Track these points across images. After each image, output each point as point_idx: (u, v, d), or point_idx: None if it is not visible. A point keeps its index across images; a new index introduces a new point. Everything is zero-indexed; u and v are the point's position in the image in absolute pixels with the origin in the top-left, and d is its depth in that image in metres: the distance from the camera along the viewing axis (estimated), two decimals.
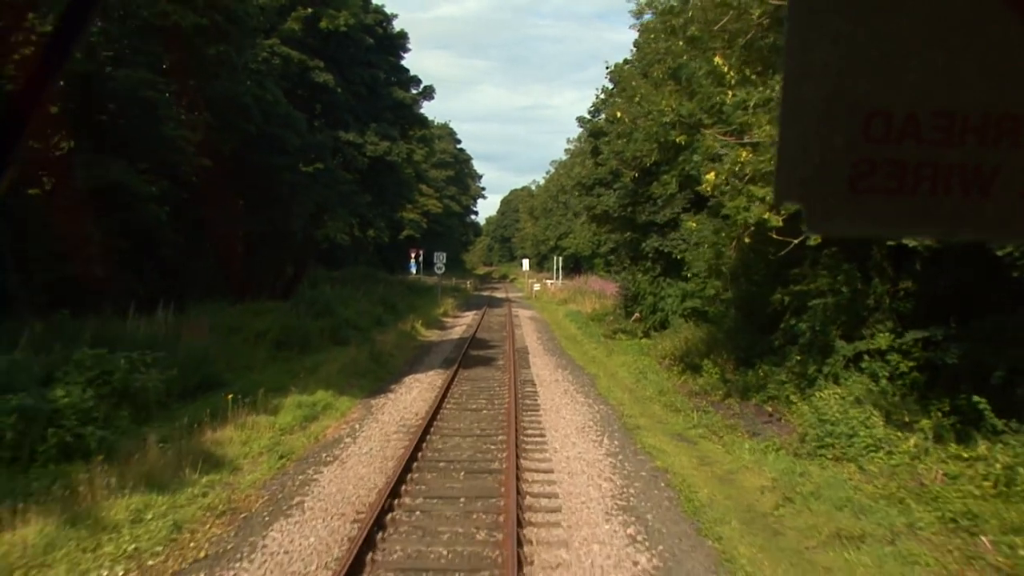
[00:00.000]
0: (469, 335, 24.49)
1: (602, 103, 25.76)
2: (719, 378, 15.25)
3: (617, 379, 16.89)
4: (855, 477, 8.93)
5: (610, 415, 12.82)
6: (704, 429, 11.85)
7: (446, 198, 72.38)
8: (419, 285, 44.32)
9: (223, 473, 8.61)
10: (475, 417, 12.03)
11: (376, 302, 27.21)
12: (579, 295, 41.06)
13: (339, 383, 14.78)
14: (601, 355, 20.90)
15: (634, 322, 25.39)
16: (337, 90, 29.44)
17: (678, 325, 20.35)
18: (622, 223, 21.50)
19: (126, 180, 17.24)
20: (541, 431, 11.17)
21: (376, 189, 33.13)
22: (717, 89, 11.61)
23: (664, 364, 18.27)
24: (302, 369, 15.97)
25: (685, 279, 20.76)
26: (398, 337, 22.61)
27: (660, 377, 16.65)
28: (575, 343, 23.93)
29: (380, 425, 11.57)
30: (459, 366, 17.23)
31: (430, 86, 36.03)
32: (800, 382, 12.34)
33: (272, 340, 16.88)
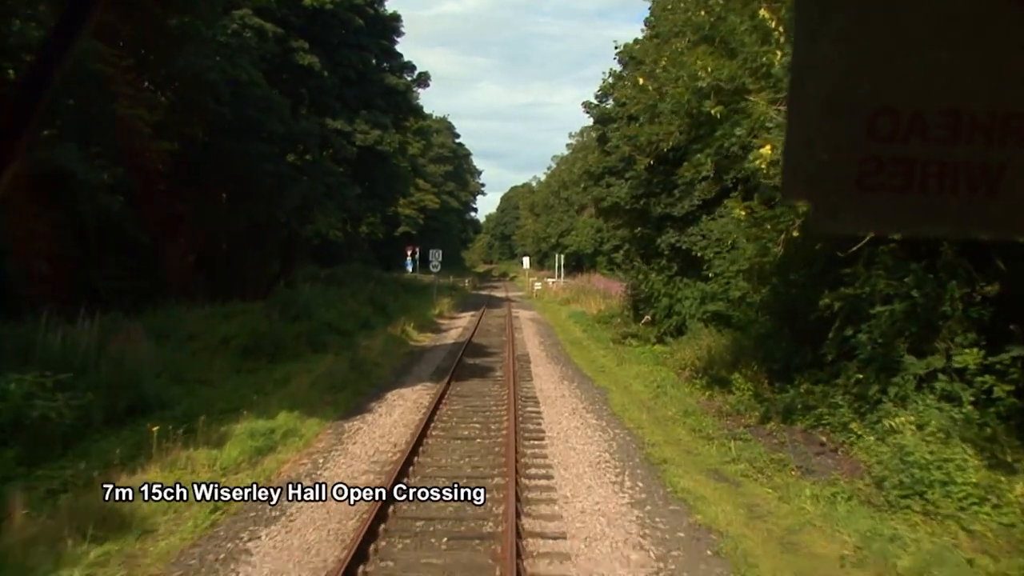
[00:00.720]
0: (465, 339, 22.34)
1: (610, 87, 23.60)
2: (752, 395, 13.10)
3: (632, 394, 14.74)
4: (963, 543, 6.79)
5: (629, 444, 10.68)
6: (746, 464, 9.69)
7: (444, 194, 70.21)
8: (415, 284, 42.15)
9: (126, 539, 6.45)
10: (466, 449, 9.88)
11: (364, 302, 25.04)
12: (582, 295, 38.90)
13: (309, 400, 12.64)
14: (611, 364, 18.75)
15: (644, 325, 23.25)
16: (324, 74, 27.29)
17: (697, 330, 18.19)
18: (634, 217, 19.33)
19: (73, 165, 15.10)
20: (547, 469, 9.03)
21: (367, 181, 30.97)
22: (763, 48, 9.46)
23: (684, 376, 16.12)
24: (269, 382, 13.86)
25: (705, 279, 18.63)
26: (386, 342, 20.46)
27: (682, 392, 14.49)
28: (581, 349, 21.78)
29: (349, 460, 9.42)
30: (451, 378, 15.08)
31: (425, 73, 33.86)
32: (859, 405, 10.19)
33: (238, 348, 14.74)
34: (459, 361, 17.67)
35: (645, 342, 21.10)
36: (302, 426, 11.04)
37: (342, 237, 49.73)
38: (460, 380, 15.31)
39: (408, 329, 23.58)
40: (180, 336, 14.87)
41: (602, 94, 23.99)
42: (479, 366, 17.43)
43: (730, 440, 10.71)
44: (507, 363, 17.40)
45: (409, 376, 16.12)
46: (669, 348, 18.86)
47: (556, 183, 70.43)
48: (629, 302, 28.03)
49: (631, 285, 29.26)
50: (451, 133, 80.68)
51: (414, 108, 35.07)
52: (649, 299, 20.66)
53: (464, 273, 72.70)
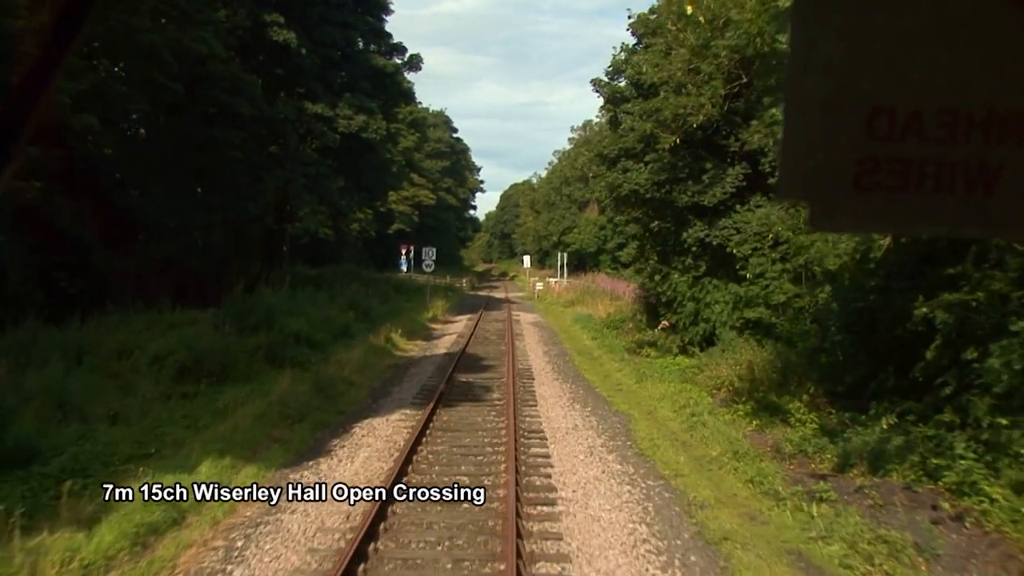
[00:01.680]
0: (458, 350, 19.52)
1: (623, 63, 20.76)
2: (818, 429, 10.31)
3: (660, 423, 11.95)
4: None
5: (670, 504, 7.89)
6: (841, 544, 6.88)
7: (441, 190, 67.42)
8: (408, 284, 39.35)
9: None
10: (448, 524, 7.07)
11: (347, 306, 22.21)
12: (587, 296, 36.13)
13: (252, 438, 9.87)
14: (628, 380, 15.94)
15: (661, 331, 20.45)
16: (301, 51, 24.46)
17: (730, 341, 15.39)
18: (655, 207, 16.48)
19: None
20: (563, 565, 6.21)
21: (352, 172, 28.15)
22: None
23: (720, 398, 13.31)
24: (207, 412, 11.08)
25: (739, 280, 15.84)
26: (366, 354, 17.64)
27: (722, 421, 11.68)
28: (591, 361, 18.96)
29: (279, 545, 6.60)
30: (437, 404, 12.29)
31: (417, 55, 31.00)
32: (994, 457, 7.39)
33: (173, 367, 11.91)
34: (449, 378, 14.87)
35: (665, 352, 18.29)
36: (233, 478, 8.26)
37: (333, 235, 47.00)
38: (448, 406, 12.50)
39: (394, 337, 20.75)
40: (104, 354, 12.06)
41: (613, 71, 21.15)
42: (473, 385, 14.63)
43: (809, 501, 7.89)
44: (506, 381, 14.61)
45: (387, 399, 13.30)
46: (697, 361, 16.03)
47: (558, 179, 67.65)
48: (642, 305, 25.28)
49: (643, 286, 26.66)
50: (448, 127, 77.87)
51: (405, 93, 32.24)
52: (671, 303, 17.82)
53: (462, 272, 69.81)
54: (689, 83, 13.91)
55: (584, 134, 68.44)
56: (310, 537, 6.73)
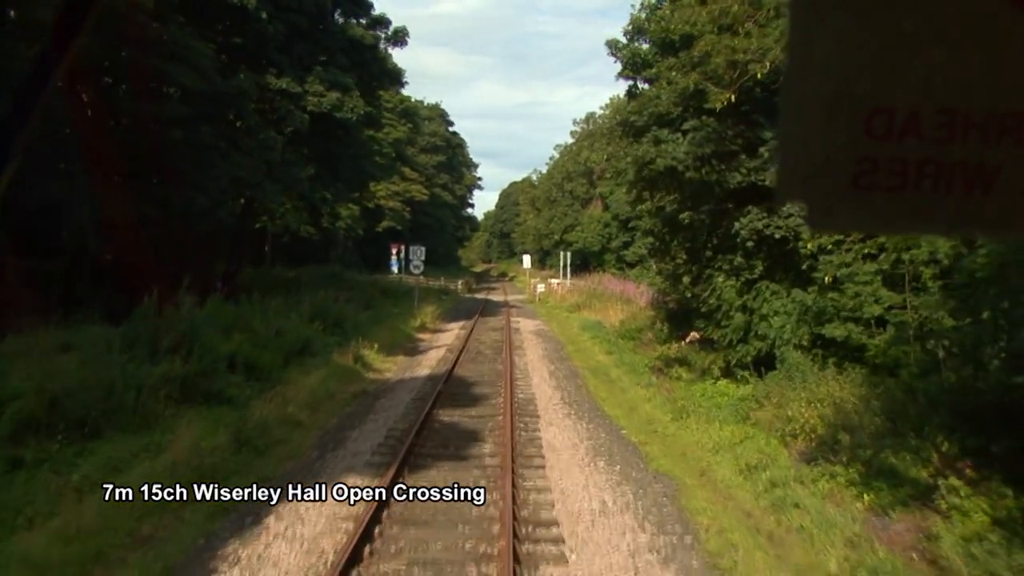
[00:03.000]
0: (445, 370, 15.78)
1: (644, 21, 17.05)
2: (989, 521, 6.57)
3: (723, 495, 8.24)
4: None
5: None
6: None
7: (436, 186, 63.63)
8: (398, 287, 35.57)
9: None
10: None
11: (310, 316, 18.45)
12: (594, 299, 32.42)
13: (99, 544, 6.15)
14: (663, 416, 12.23)
15: (689, 344, 16.76)
16: (261, 15, 20.72)
17: (797, 365, 11.67)
18: (695, 190, 12.69)
19: None
20: None
21: (326, 160, 24.39)
22: None
23: (797, 450, 9.59)
24: (47, 491, 7.36)
25: (805, 285, 12.13)
26: (327, 379, 13.93)
27: (817, 497, 7.92)
28: (610, 385, 15.24)
29: None
30: (405, 459, 8.60)
31: (402, 28, 27.20)
32: None
33: (15, 419, 8.14)
34: (427, 417, 11.15)
35: (703, 375, 14.53)
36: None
37: (316, 233, 43.24)
38: (419, 468, 8.77)
39: (367, 354, 16.99)
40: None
41: (633, 31, 17.42)
42: (457, 429, 10.90)
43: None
44: (503, 421, 10.91)
45: (337, 455, 9.55)
46: (751, 389, 12.27)
47: (559, 174, 63.89)
48: (662, 312, 21.59)
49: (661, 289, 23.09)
50: (444, 121, 74.06)
51: (390, 73, 28.46)
52: (711, 313, 14.05)
53: (460, 273, 65.95)
54: (748, 21, 10.21)
55: (587, 127, 64.81)
56: None
